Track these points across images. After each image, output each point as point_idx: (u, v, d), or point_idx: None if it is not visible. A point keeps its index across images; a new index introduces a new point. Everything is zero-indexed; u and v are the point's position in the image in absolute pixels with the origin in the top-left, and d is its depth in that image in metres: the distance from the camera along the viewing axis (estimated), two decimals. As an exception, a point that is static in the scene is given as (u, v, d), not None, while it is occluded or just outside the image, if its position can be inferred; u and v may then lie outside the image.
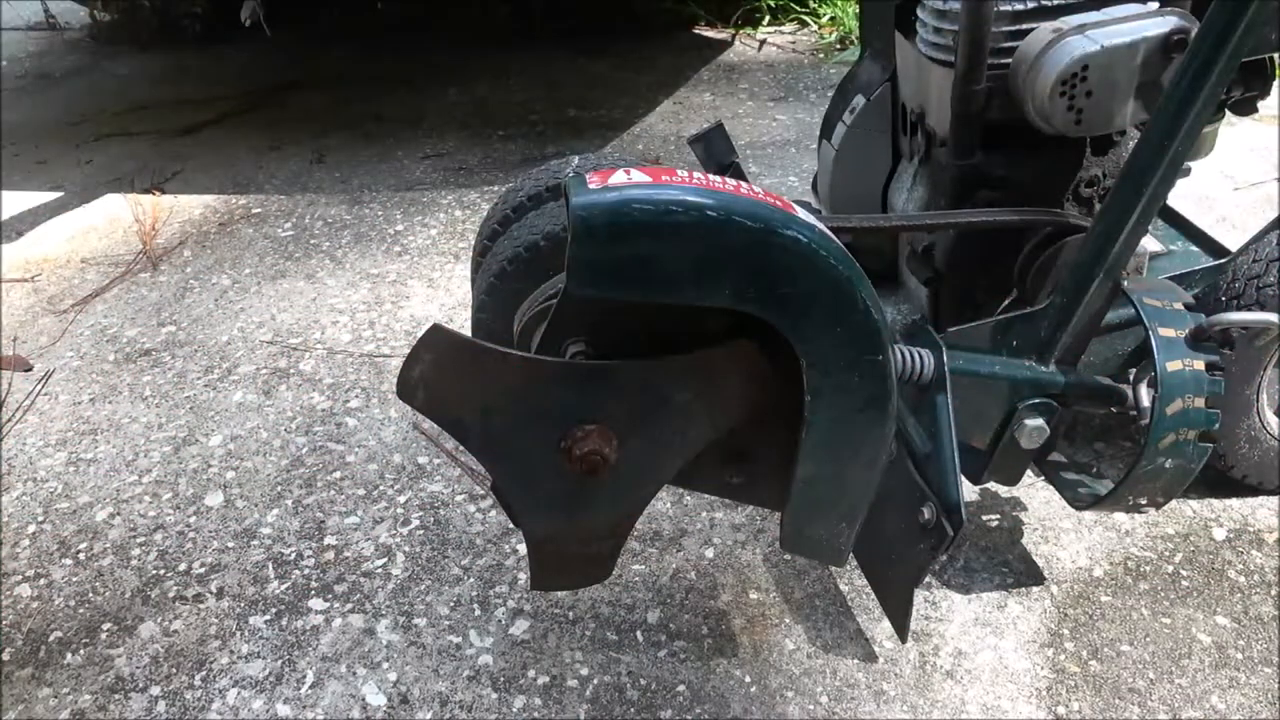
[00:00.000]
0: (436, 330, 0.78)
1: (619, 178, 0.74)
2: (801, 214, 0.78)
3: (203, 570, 1.54)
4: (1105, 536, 1.50)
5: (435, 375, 0.80)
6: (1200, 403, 1.14)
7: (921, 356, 1.12)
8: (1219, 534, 1.49)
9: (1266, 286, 1.31)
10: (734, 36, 3.89)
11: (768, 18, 3.96)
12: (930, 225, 1.37)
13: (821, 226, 0.79)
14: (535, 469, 0.87)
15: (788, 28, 3.95)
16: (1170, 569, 1.44)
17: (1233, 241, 1.66)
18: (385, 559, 1.54)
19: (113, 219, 2.71)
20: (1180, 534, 1.50)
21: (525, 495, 0.91)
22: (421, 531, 1.58)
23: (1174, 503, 1.50)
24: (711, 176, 0.78)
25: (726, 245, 0.74)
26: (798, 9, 3.95)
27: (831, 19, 3.87)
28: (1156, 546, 1.48)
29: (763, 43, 3.81)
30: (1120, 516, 1.53)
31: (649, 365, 0.83)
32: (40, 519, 1.67)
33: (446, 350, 0.79)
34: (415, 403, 0.83)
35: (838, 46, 3.69)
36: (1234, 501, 1.54)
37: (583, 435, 0.84)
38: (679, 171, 0.78)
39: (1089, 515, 1.53)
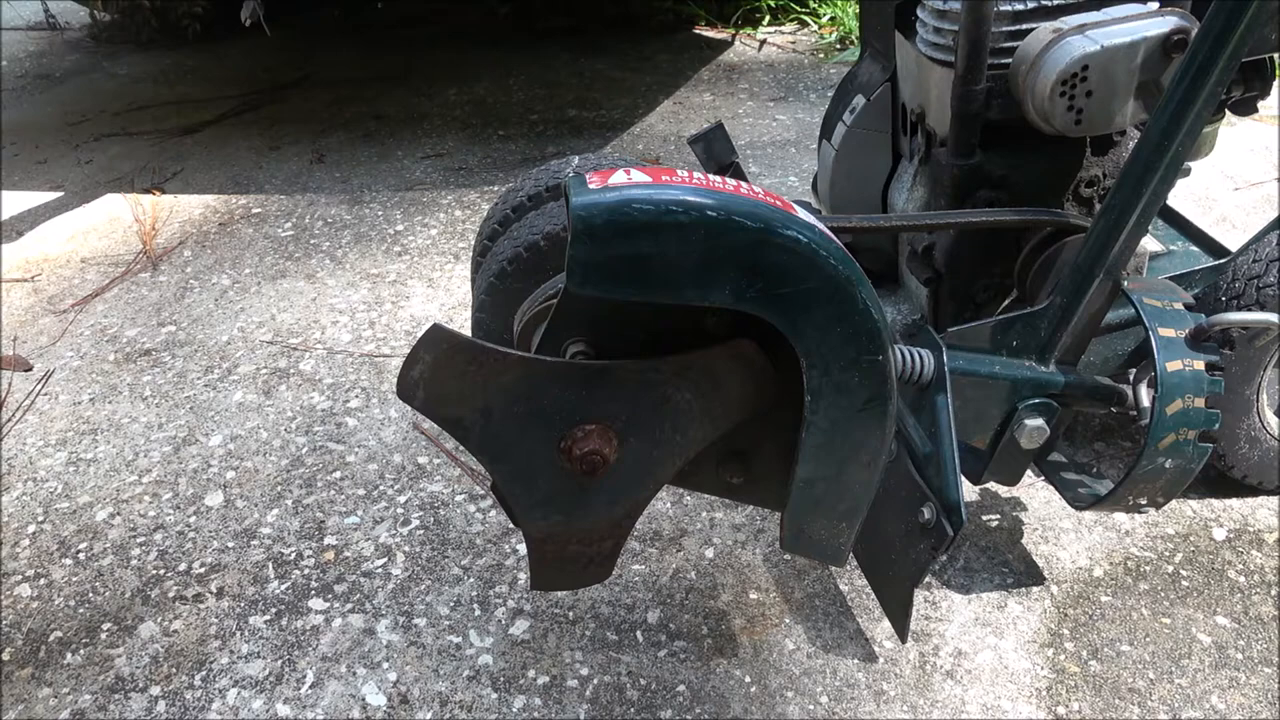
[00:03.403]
0: (436, 330, 0.78)
1: (619, 178, 0.74)
2: (801, 214, 0.78)
3: (203, 570, 1.54)
4: (1105, 536, 1.50)
5: (435, 375, 0.80)
6: (1200, 403, 1.14)
7: (921, 357, 1.12)
8: (1219, 534, 1.49)
9: (1267, 286, 1.31)
10: (734, 36, 3.89)
11: (768, 18, 3.97)
12: (930, 225, 1.36)
13: (821, 226, 0.79)
14: (535, 469, 0.87)
15: (788, 28, 3.95)
16: (1170, 569, 1.44)
17: (1233, 241, 1.66)
18: (385, 559, 1.54)
19: (113, 219, 2.71)
20: (1180, 534, 1.50)
21: (525, 495, 0.91)
22: (421, 531, 1.58)
23: (1174, 503, 1.50)
24: (711, 176, 0.77)
25: (726, 245, 0.73)
26: (798, 9, 3.95)
27: (831, 19, 3.88)
28: (1156, 546, 1.48)
29: (763, 43, 3.81)
30: (1120, 516, 1.53)
31: (648, 365, 0.83)
32: (40, 519, 1.67)
33: (446, 350, 0.79)
34: (415, 402, 0.83)
35: (838, 46, 3.69)
36: (1234, 501, 1.54)
37: (582, 435, 0.84)
38: (679, 171, 0.77)
39: (1089, 515, 1.53)
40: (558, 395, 0.83)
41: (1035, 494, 1.57)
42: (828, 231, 0.79)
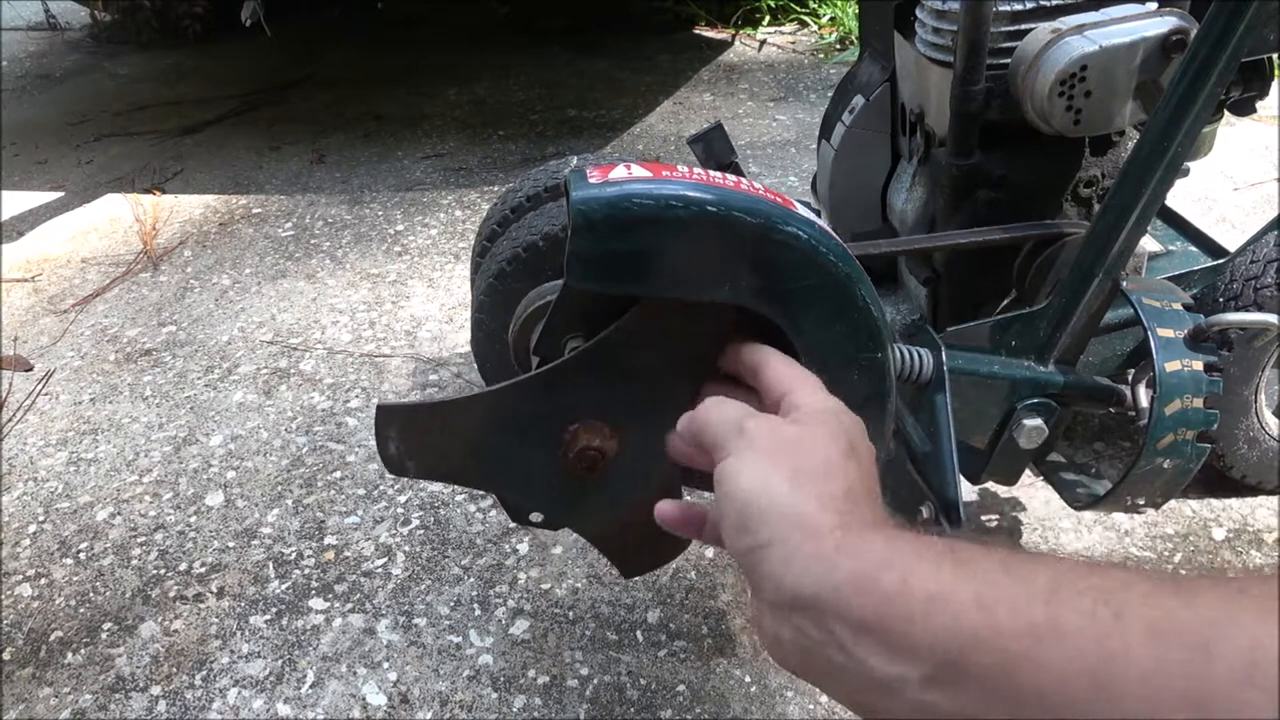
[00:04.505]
0: (382, 410, 0.77)
1: (619, 173, 0.74)
2: (801, 210, 0.78)
3: (203, 570, 1.54)
4: (1105, 536, 1.50)
5: (410, 443, 0.80)
6: (1199, 403, 1.14)
7: (920, 355, 1.12)
8: (1218, 534, 1.49)
9: (1264, 288, 1.31)
10: (734, 37, 3.89)
11: (768, 18, 3.97)
12: (936, 246, 1.36)
13: (821, 223, 0.79)
14: (548, 483, 0.87)
15: (788, 28, 3.95)
16: (1169, 569, 1.44)
17: (1233, 242, 1.66)
18: (385, 559, 1.54)
19: (113, 219, 2.71)
20: (1180, 534, 1.50)
21: (557, 509, 0.90)
22: (421, 531, 1.59)
23: (1173, 503, 1.50)
24: (712, 173, 0.77)
25: (726, 240, 0.73)
26: (798, 9, 3.96)
27: (831, 19, 3.88)
28: (1156, 546, 1.48)
29: (763, 43, 3.82)
30: (1120, 516, 1.53)
31: (601, 345, 0.80)
32: (41, 519, 1.67)
33: (405, 417, 0.79)
34: (410, 473, 0.82)
35: (838, 46, 3.69)
36: (1233, 501, 1.54)
37: (570, 437, 0.83)
38: (679, 167, 0.77)
39: (1088, 515, 1.53)
40: (533, 410, 0.82)
41: (1035, 493, 1.57)
42: (827, 228, 0.79)
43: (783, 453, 0.54)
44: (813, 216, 0.79)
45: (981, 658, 0.39)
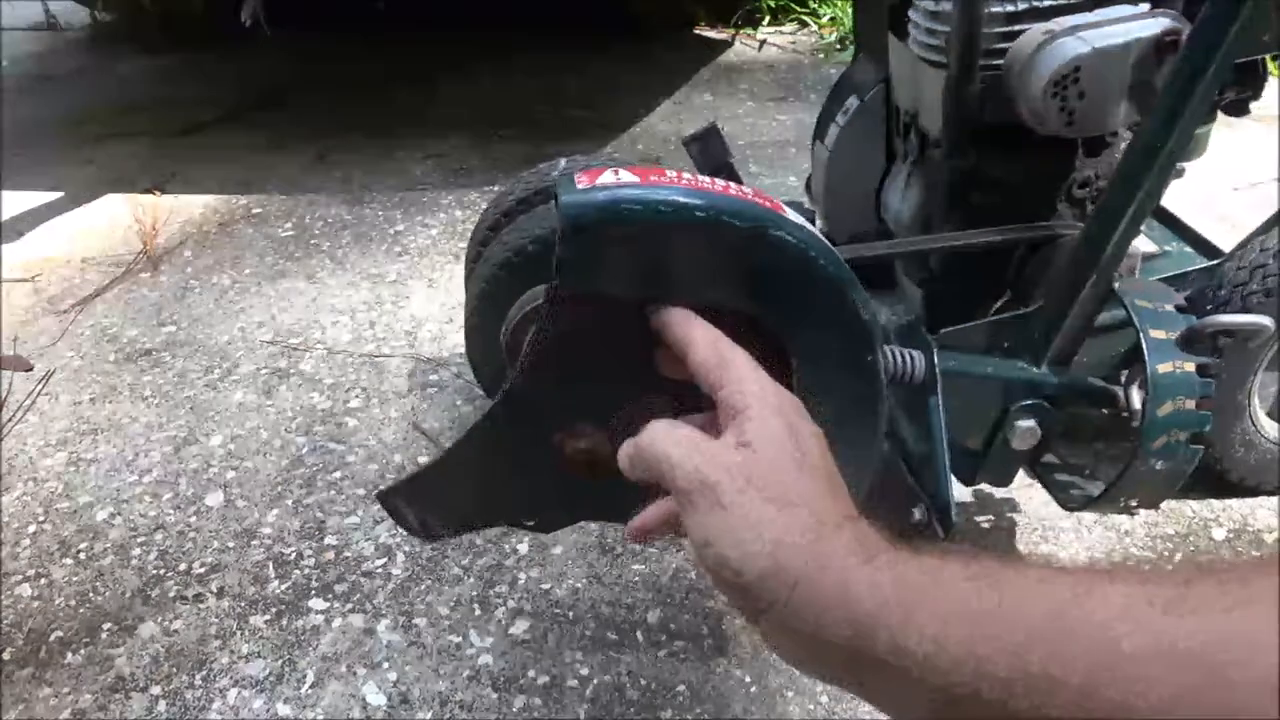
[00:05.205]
0: (383, 498, 0.78)
1: (607, 177, 0.74)
2: (791, 214, 0.79)
3: (203, 570, 1.55)
4: (1105, 536, 1.50)
5: (424, 504, 0.80)
6: (1191, 404, 1.15)
7: (913, 357, 1.12)
8: (1218, 534, 1.50)
9: (1251, 294, 1.31)
10: (734, 37, 3.89)
11: (768, 18, 3.97)
12: (931, 247, 1.37)
13: (811, 227, 0.79)
14: (560, 492, 0.87)
15: (788, 28, 3.95)
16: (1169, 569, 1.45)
17: (1231, 243, 1.67)
18: (385, 559, 1.55)
19: (113, 219, 2.71)
20: (1180, 534, 1.50)
21: (563, 514, 0.90)
22: (420, 531, 1.59)
23: (1173, 503, 1.50)
24: (701, 177, 0.78)
25: (715, 244, 0.74)
26: (798, 9, 3.96)
27: (831, 19, 3.88)
28: (1156, 546, 1.48)
29: (763, 43, 3.82)
30: (1120, 516, 1.53)
31: (544, 351, 0.80)
32: (41, 519, 1.67)
33: (408, 488, 0.80)
34: (443, 535, 0.83)
35: (838, 47, 3.69)
36: (1233, 502, 1.54)
37: (559, 445, 0.84)
38: (668, 171, 0.78)
39: (1088, 515, 1.53)
40: (517, 432, 0.82)
41: (1035, 494, 1.57)
42: (817, 231, 0.80)
43: (739, 495, 0.52)
44: (803, 220, 0.80)
45: (986, 713, 0.40)
